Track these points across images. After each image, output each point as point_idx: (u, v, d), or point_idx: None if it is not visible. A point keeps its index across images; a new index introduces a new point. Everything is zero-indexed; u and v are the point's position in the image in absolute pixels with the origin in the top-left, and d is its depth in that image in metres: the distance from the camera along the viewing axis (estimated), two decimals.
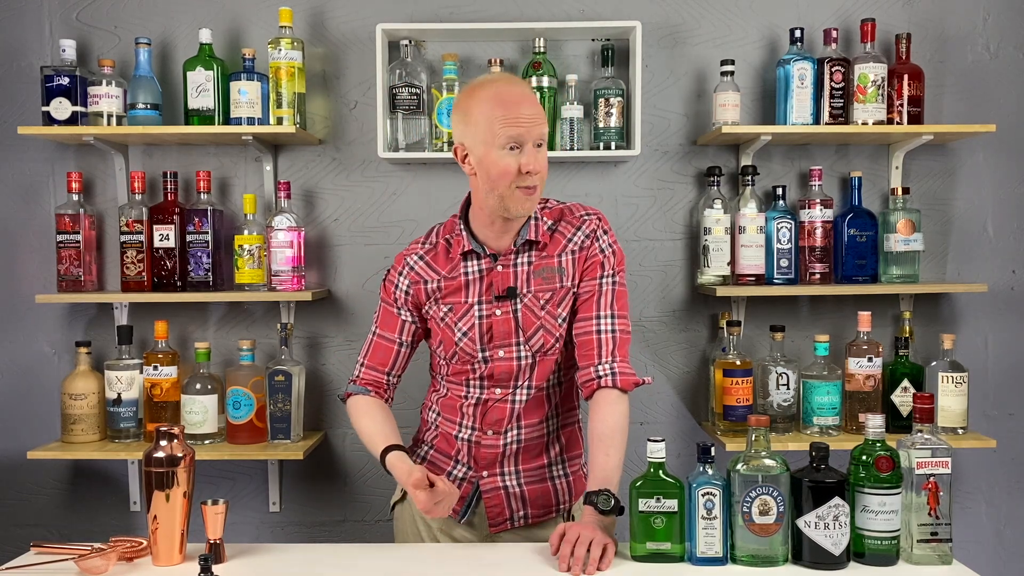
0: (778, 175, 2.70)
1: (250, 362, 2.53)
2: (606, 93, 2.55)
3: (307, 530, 2.74)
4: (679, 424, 2.74)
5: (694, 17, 2.68)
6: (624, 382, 1.81)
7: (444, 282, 1.86)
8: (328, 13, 2.68)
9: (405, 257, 1.91)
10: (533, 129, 1.72)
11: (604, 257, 1.85)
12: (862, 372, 2.50)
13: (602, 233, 1.86)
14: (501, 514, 1.91)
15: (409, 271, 1.89)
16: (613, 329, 1.82)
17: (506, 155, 1.72)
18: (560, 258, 1.84)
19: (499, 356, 1.83)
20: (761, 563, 1.60)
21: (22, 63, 2.67)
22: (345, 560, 1.71)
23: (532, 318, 1.83)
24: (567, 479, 1.95)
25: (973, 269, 2.72)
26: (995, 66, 2.70)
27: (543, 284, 1.83)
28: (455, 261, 1.86)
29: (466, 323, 1.84)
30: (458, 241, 1.86)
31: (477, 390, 1.88)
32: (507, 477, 1.90)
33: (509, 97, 1.73)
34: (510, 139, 1.71)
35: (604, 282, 1.84)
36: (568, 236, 1.86)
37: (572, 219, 1.87)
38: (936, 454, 1.61)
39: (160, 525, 1.64)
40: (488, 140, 1.72)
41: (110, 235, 2.68)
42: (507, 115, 1.71)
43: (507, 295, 1.83)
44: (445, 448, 1.94)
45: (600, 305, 1.83)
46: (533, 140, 1.73)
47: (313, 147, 2.70)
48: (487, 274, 1.84)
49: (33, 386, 2.72)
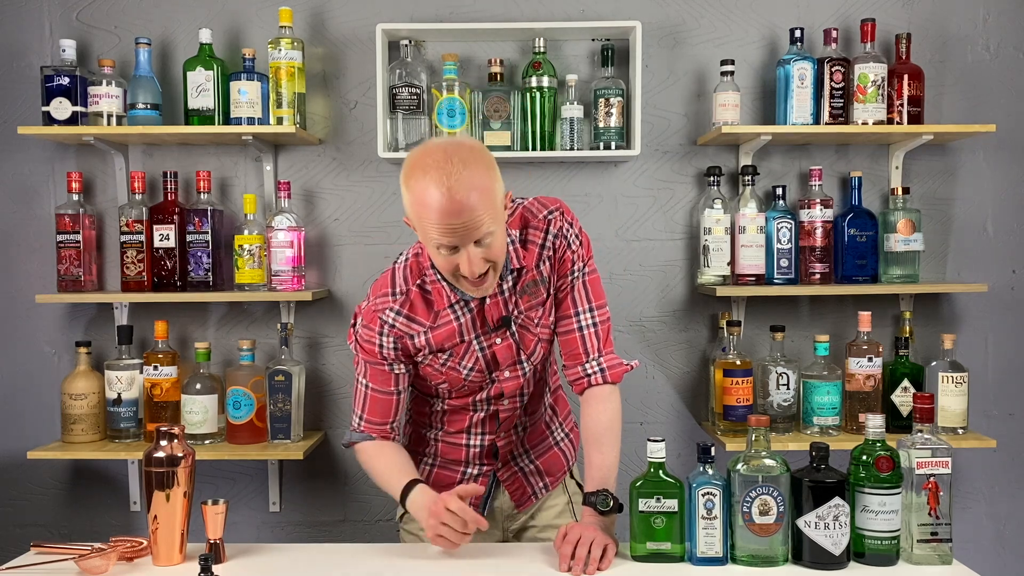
0: (778, 175, 2.70)
1: (250, 362, 2.53)
2: (606, 93, 2.55)
3: (307, 530, 2.74)
4: (679, 424, 2.74)
5: (694, 17, 2.68)
6: (614, 376, 1.83)
7: (432, 332, 1.76)
8: (328, 13, 2.68)
9: (378, 315, 1.75)
10: (469, 235, 1.57)
11: (573, 252, 1.80)
12: (862, 372, 2.50)
13: (567, 227, 1.80)
14: (524, 494, 1.97)
15: (390, 329, 1.75)
16: (594, 322, 1.82)
17: (443, 255, 1.61)
18: (539, 268, 1.79)
19: (505, 376, 1.84)
20: (761, 563, 1.60)
21: (22, 63, 2.67)
22: (345, 560, 1.72)
23: (530, 337, 1.83)
24: (568, 438, 2.04)
25: (973, 269, 2.72)
26: (995, 66, 2.70)
27: (530, 300, 1.80)
28: (438, 311, 1.76)
29: (469, 359, 1.80)
30: (437, 291, 1.74)
31: (484, 407, 1.88)
32: (520, 459, 1.96)
33: (439, 206, 1.54)
34: (443, 245, 1.59)
35: (576, 277, 1.81)
36: (539, 243, 1.78)
37: (537, 223, 1.78)
38: (936, 454, 1.61)
39: (160, 525, 1.64)
40: (424, 236, 1.62)
41: (110, 235, 2.68)
42: (439, 223, 1.55)
43: (502, 324, 1.78)
44: (453, 455, 1.94)
45: (576, 301, 1.82)
46: (472, 240, 1.58)
47: (313, 147, 2.70)
48: (476, 311, 1.77)
49: (33, 386, 2.72)
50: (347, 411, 2.71)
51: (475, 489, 1.70)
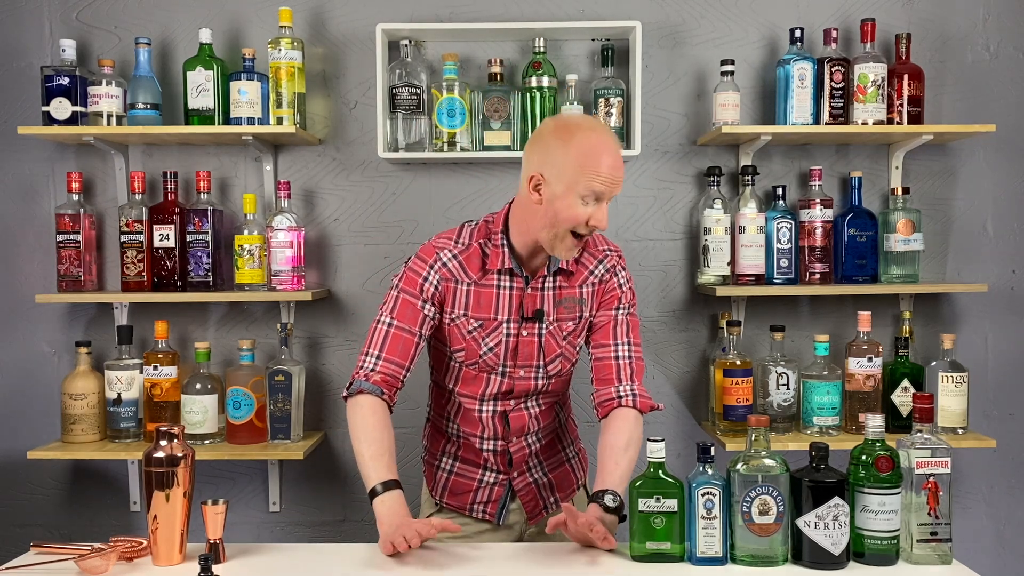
0: (778, 175, 2.70)
1: (250, 362, 2.53)
2: (606, 93, 2.55)
3: (307, 530, 2.74)
4: (679, 424, 2.74)
5: (694, 17, 2.68)
6: (643, 404, 1.88)
7: (474, 288, 1.85)
8: (328, 13, 2.68)
9: (438, 251, 1.85)
10: (614, 189, 1.75)
11: (621, 292, 1.92)
12: (862, 372, 2.50)
13: (620, 270, 1.93)
14: (536, 506, 2.01)
15: (442, 267, 1.84)
16: (630, 356, 1.90)
17: (580, 205, 1.73)
18: (582, 289, 1.90)
19: (519, 376, 1.88)
20: (761, 563, 1.60)
21: (22, 63, 2.67)
22: (345, 560, 1.71)
23: (554, 345, 1.88)
24: (577, 457, 2.10)
25: (973, 269, 2.72)
26: (995, 66, 2.70)
27: (566, 314, 1.88)
28: (489, 273, 1.85)
29: (494, 339, 1.85)
30: (496, 253, 1.84)
31: (491, 404, 1.91)
32: (534, 471, 2.00)
33: (607, 153, 1.73)
34: (593, 192, 1.72)
35: (620, 313, 1.91)
36: (590, 268, 1.91)
37: (595, 251, 1.92)
38: (936, 454, 1.61)
39: (160, 525, 1.64)
40: (571, 184, 1.72)
41: (110, 235, 2.68)
42: (600, 172, 1.71)
43: (535, 317, 1.86)
44: (472, 458, 1.98)
45: (617, 334, 1.90)
46: (614, 194, 1.76)
47: (313, 147, 2.70)
48: (517, 292, 1.86)
49: (33, 386, 2.72)
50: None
51: (453, 527, 1.68)
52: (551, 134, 1.76)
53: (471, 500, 1.99)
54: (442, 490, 2.01)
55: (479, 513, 1.99)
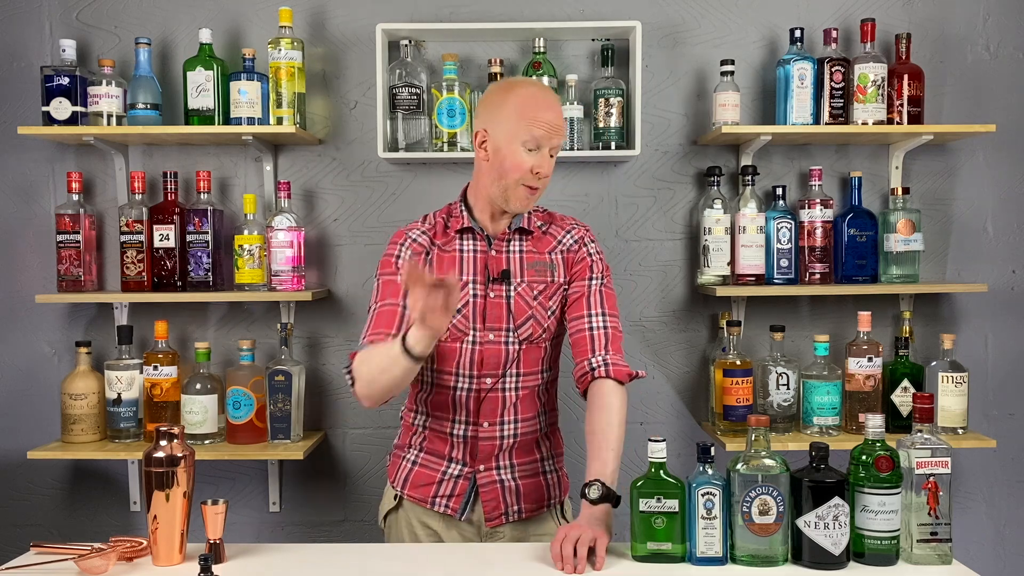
0: (778, 175, 2.70)
1: (250, 362, 2.53)
2: (606, 93, 2.55)
3: (307, 530, 2.74)
4: (679, 424, 2.74)
5: (694, 17, 2.68)
6: (618, 372, 1.85)
7: (437, 252, 1.92)
8: (328, 13, 2.68)
9: (406, 232, 1.97)
10: (554, 138, 1.84)
11: (592, 261, 1.95)
12: (862, 372, 2.50)
13: (589, 241, 1.97)
14: (497, 508, 1.93)
15: (411, 243, 1.94)
16: (604, 326, 1.90)
17: (523, 152, 1.82)
18: (551, 255, 1.94)
19: (489, 340, 1.88)
20: (761, 563, 1.60)
21: (22, 63, 2.67)
22: (345, 560, 1.72)
23: (524, 306, 1.89)
24: (556, 474, 2.02)
25: (973, 269, 2.72)
26: (995, 66, 2.70)
27: (536, 276, 1.91)
28: (451, 236, 1.94)
29: (460, 300, 1.87)
30: (456, 220, 1.94)
31: (467, 380, 1.90)
32: (503, 471, 1.94)
33: (543, 102, 1.84)
34: (533, 139, 1.82)
35: (593, 283, 1.93)
36: (558, 237, 1.96)
37: (562, 224, 1.99)
38: (936, 454, 1.61)
39: (160, 525, 1.64)
40: (512, 134, 1.82)
41: (110, 235, 2.68)
42: (537, 117, 1.81)
43: (501, 278, 1.90)
44: (438, 448, 1.95)
45: (590, 304, 1.91)
46: (550, 147, 1.85)
47: (313, 147, 2.70)
48: (481, 255, 1.91)
49: (33, 386, 2.72)
50: (347, 411, 2.72)
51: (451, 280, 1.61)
52: (493, 92, 1.90)
53: (433, 492, 1.94)
54: (404, 481, 1.97)
55: (440, 507, 1.93)
